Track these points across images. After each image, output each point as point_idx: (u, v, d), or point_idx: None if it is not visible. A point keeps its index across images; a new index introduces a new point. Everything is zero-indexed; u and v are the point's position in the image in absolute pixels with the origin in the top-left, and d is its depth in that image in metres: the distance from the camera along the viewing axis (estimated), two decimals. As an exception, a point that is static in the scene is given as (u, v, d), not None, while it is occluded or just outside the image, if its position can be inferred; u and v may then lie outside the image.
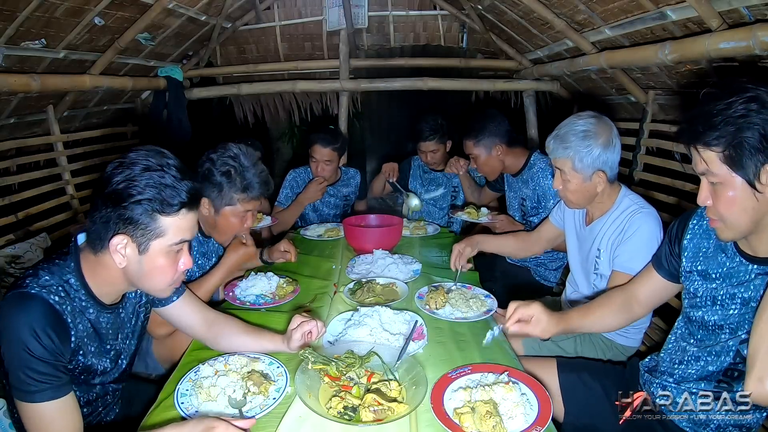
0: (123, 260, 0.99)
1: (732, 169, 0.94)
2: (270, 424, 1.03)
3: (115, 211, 0.96)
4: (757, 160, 0.91)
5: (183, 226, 1.02)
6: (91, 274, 1.03)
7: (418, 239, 2.36)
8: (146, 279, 1.03)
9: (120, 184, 0.95)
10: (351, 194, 2.85)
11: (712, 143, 0.94)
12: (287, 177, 2.76)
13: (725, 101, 0.93)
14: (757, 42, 1.44)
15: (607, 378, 1.36)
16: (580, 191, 1.53)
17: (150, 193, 0.96)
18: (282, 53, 3.66)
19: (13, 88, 2.07)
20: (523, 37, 3.17)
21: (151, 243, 0.99)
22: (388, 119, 4.36)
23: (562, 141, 1.50)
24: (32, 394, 0.91)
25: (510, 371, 1.15)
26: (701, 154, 0.97)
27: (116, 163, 0.98)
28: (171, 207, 0.98)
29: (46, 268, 1.00)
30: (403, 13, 3.58)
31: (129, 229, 0.97)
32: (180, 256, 1.05)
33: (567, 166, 1.50)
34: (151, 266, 1.01)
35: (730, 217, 0.98)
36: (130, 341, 1.20)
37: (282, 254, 1.86)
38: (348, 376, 1.13)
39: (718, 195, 0.98)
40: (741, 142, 0.91)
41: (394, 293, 1.67)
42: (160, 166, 0.98)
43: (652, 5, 1.82)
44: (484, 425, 0.97)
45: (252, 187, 1.54)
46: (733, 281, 1.07)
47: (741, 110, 0.90)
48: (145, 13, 2.51)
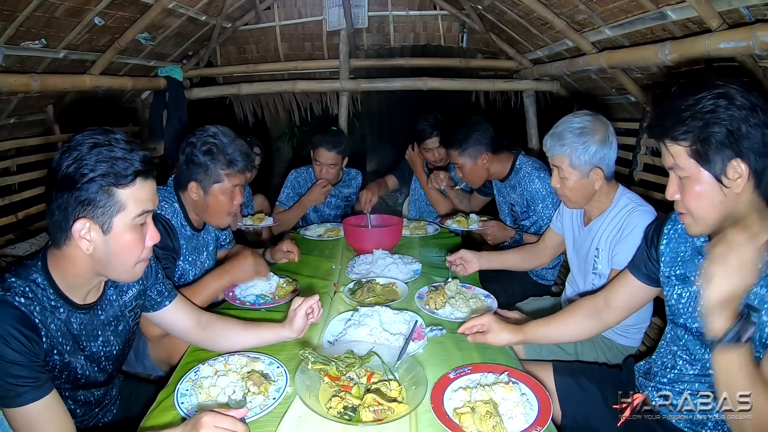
0: (89, 245, 0.96)
1: (699, 164, 0.95)
2: (270, 424, 1.03)
3: (70, 195, 0.92)
4: (724, 155, 0.92)
5: (142, 197, 0.99)
6: (58, 271, 1.00)
7: (418, 239, 2.36)
8: (115, 260, 0.99)
9: (70, 167, 0.92)
10: (352, 195, 2.85)
11: (679, 138, 0.95)
12: (288, 177, 2.76)
13: (694, 97, 0.94)
14: (757, 42, 1.44)
15: (603, 381, 1.36)
16: (578, 188, 1.53)
17: (102, 168, 0.93)
18: (282, 53, 3.66)
19: (13, 88, 2.07)
20: (523, 37, 3.17)
21: (113, 220, 0.96)
22: (388, 119, 4.37)
23: (559, 138, 1.51)
24: (13, 399, 0.89)
25: (510, 371, 1.15)
26: (669, 149, 0.99)
27: (63, 149, 0.95)
28: (125, 177, 0.95)
29: (13, 270, 0.97)
30: (403, 13, 3.58)
31: (88, 211, 0.94)
32: (146, 230, 1.02)
33: (564, 162, 1.51)
34: (119, 244, 0.98)
35: (697, 210, 0.99)
36: (112, 346, 1.15)
37: (285, 254, 1.87)
38: (348, 376, 1.13)
39: (686, 189, 1.00)
40: (708, 137, 0.92)
41: (394, 293, 1.67)
42: (107, 141, 0.95)
43: (652, 5, 1.81)
44: (484, 425, 0.97)
45: (236, 160, 1.55)
46: None
47: (709, 106, 0.91)
48: (145, 13, 2.51)
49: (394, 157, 3.08)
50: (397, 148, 3.95)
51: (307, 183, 2.73)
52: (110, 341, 1.14)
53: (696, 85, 0.96)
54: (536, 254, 1.92)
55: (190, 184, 1.56)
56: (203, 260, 1.72)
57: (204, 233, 1.72)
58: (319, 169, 2.60)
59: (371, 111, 4.25)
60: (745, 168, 0.91)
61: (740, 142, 0.90)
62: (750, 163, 0.91)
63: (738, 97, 0.90)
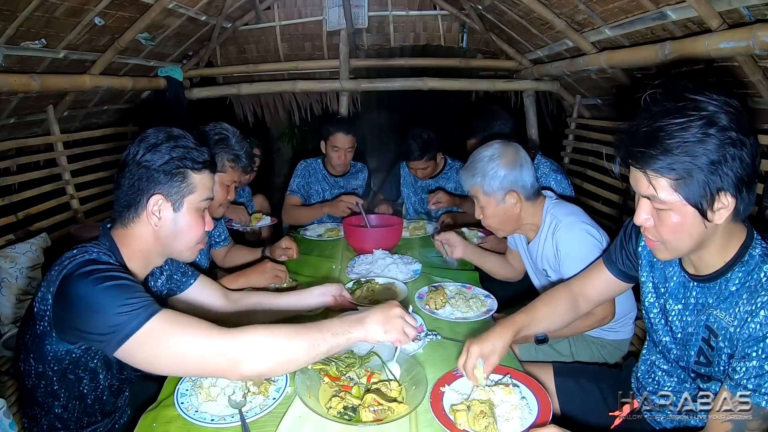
0: (158, 221, 1.05)
1: (685, 199, 0.86)
2: (270, 424, 1.03)
3: (148, 173, 1.03)
4: (712, 188, 0.84)
5: (208, 184, 1.11)
6: (125, 250, 1.07)
7: (418, 239, 2.36)
8: (179, 238, 1.09)
9: (147, 153, 1.03)
10: (359, 188, 2.85)
11: (665, 171, 0.85)
12: (298, 166, 2.78)
13: (680, 120, 0.83)
14: (757, 42, 1.44)
15: (603, 381, 1.36)
16: (499, 215, 1.54)
17: (179, 153, 1.05)
18: (282, 53, 3.66)
19: (13, 88, 2.07)
20: (523, 37, 3.17)
21: (185, 199, 1.07)
22: (388, 119, 4.37)
23: (470, 170, 1.53)
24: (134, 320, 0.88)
25: (512, 373, 1.15)
26: (651, 180, 0.88)
27: (137, 141, 1.05)
28: (199, 164, 1.07)
29: (83, 249, 1.00)
30: (403, 13, 3.58)
31: (164, 188, 1.04)
32: (205, 215, 1.13)
33: (479, 192, 1.52)
34: (184, 223, 1.08)
35: (673, 242, 0.93)
36: None
37: (284, 251, 1.88)
38: (348, 376, 1.13)
39: (662, 220, 0.91)
40: (698, 170, 0.83)
41: (393, 293, 1.67)
42: (181, 135, 1.08)
43: (652, 5, 1.82)
44: (477, 424, 0.97)
45: (241, 157, 1.67)
46: (679, 297, 1.06)
47: (698, 135, 0.82)
48: (145, 13, 2.51)
49: (394, 157, 3.07)
50: (397, 148, 3.96)
51: (316, 174, 2.76)
52: None
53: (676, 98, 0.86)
54: (508, 267, 1.89)
55: None
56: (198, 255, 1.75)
57: None
58: (337, 156, 2.61)
59: (371, 111, 4.24)
60: (732, 200, 0.85)
61: (729, 174, 0.83)
62: (736, 193, 0.85)
63: (725, 121, 0.82)
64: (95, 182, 2.86)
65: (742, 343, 0.89)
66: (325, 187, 2.74)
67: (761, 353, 0.86)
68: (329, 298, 1.43)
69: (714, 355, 0.97)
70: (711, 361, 0.99)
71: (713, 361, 0.98)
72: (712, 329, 0.96)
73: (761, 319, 0.86)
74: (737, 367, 0.89)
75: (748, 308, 0.89)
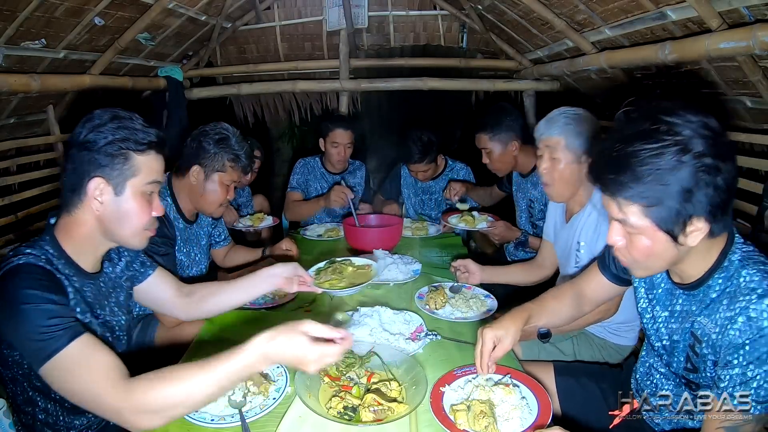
0: (100, 206, 1.01)
1: (656, 225, 0.86)
2: (270, 424, 1.03)
3: (89, 156, 0.99)
4: (685, 215, 0.83)
5: (154, 167, 1.06)
6: (68, 239, 1.04)
7: (418, 239, 2.36)
8: (123, 223, 1.04)
9: (90, 133, 1.00)
10: (357, 185, 2.85)
11: (636, 199, 0.85)
12: (297, 164, 2.79)
13: (653, 146, 0.81)
14: (757, 42, 1.44)
15: (604, 381, 1.36)
16: (568, 172, 1.52)
17: (122, 134, 1.01)
18: (282, 53, 3.66)
19: (13, 88, 2.07)
20: (523, 37, 3.17)
21: (126, 183, 1.02)
22: (387, 119, 4.36)
23: (554, 121, 1.53)
24: (52, 346, 0.88)
25: (513, 373, 1.15)
26: (621, 206, 0.88)
27: (83, 121, 1.02)
28: (143, 145, 1.03)
29: (25, 245, 1.01)
30: (403, 13, 3.58)
31: (105, 171, 1.00)
32: (152, 200, 1.08)
33: (560, 143, 1.51)
34: (127, 207, 1.03)
35: (645, 263, 0.93)
36: (118, 316, 1.17)
37: (284, 252, 1.89)
38: (348, 376, 1.13)
39: (633, 242, 0.91)
40: (670, 198, 0.82)
41: (365, 275, 1.65)
42: (128, 116, 1.04)
43: (652, 5, 1.81)
44: (477, 424, 0.98)
45: (241, 157, 1.67)
46: (666, 304, 1.06)
47: (672, 162, 0.80)
48: (145, 13, 2.51)
49: (394, 157, 3.07)
50: (397, 149, 3.96)
51: (314, 172, 2.76)
52: (115, 311, 1.16)
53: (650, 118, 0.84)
54: (539, 267, 1.87)
55: (193, 167, 1.63)
56: (195, 253, 1.78)
57: (196, 227, 1.77)
58: (336, 152, 2.62)
59: (371, 111, 4.24)
60: (705, 224, 0.84)
61: (703, 201, 0.82)
62: (710, 218, 0.84)
63: (700, 146, 0.80)
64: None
65: (723, 350, 0.89)
66: (324, 185, 2.74)
67: (742, 360, 0.85)
68: (279, 281, 1.35)
69: (699, 362, 0.98)
70: (697, 368, 0.99)
71: (699, 367, 0.98)
72: (697, 336, 0.96)
73: (740, 325, 0.86)
74: (722, 375, 0.88)
75: (728, 314, 0.89)
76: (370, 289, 1.76)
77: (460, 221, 2.31)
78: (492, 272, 1.79)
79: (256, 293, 1.37)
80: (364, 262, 1.71)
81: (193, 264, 1.76)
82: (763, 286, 0.86)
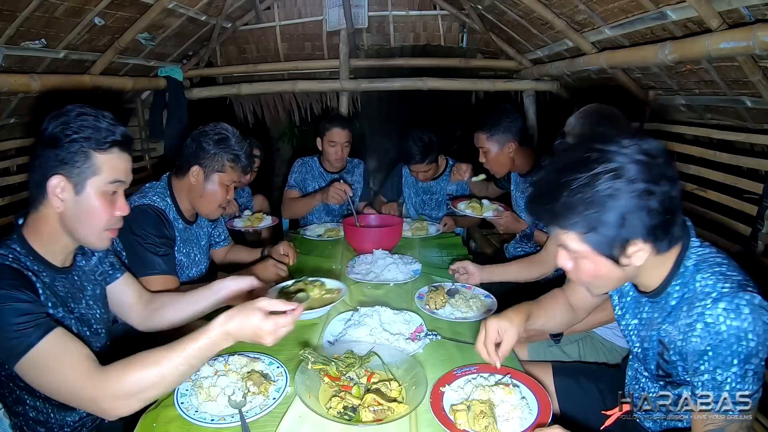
0: (61, 204, 1.00)
1: (595, 250, 0.87)
2: (270, 424, 1.03)
3: (51, 153, 0.99)
4: (622, 239, 0.84)
5: (117, 166, 1.04)
6: (34, 235, 1.03)
7: (418, 239, 2.36)
8: (83, 223, 1.03)
9: (56, 128, 0.99)
10: (356, 183, 2.85)
11: (572, 228, 0.86)
12: (295, 164, 2.79)
13: (585, 175, 0.83)
14: (757, 42, 1.44)
15: (602, 380, 1.36)
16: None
17: (85, 132, 0.99)
18: (282, 53, 3.66)
19: (13, 88, 2.07)
20: (523, 37, 3.17)
21: (87, 182, 1.01)
22: (387, 119, 4.36)
23: None
24: (24, 342, 0.89)
25: (512, 373, 1.15)
26: (559, 235, 0.90)
27: (49, 117, 1.01)
28: (104, 144, 1.01)
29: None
30: (403, 13, 3.57)
31: (65, 169, 0.99)
32: (116, 199, 1.06)
33: None
34: (88, 207, 1.02)
35: (594, 283, 0.95)
36: (94, 309, 1.17)
37: (281, 257, 1.88)
38: (348, 376, 1.13)
39: (578, 266, 0.92)
40: (605, 224, 0.83)
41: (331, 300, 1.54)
42: (94, 113, 1.02)
43: (652, 5, 1.81)
44: (477, 424, 0.98)
45: (241, 157, 1.66)
46: (635, 312, 1.07)
47: (604, 190, 0.81)
48: (145, 13, 2.51)
49: (394, 157, 3.07)
50: (396, 148, 3.96)
51: (312, 171, 2.76)
52: (91, 305, 1.16)
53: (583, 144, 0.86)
54: (539, 263, 1.86)
55: (193, 168, 1.62)
56: (195, 253, 1.77)
57: (196, 227, 1.77)
58: (334, 151, 2.61)
59: (371, 111, 4.24)
60: (646, 244, 0.86)
61: (638, 225, 0.83)
62: (649, 239, 0.85)
63: (632, 172, 0.81)
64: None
65: (690, 356, 0.90)
66: (322, 185, 2.74)
67: (708, 366, 0.86)
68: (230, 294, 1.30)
69: (670, 368, 0.99)
70: (669, 373, 1.00)
71: (671, 373, 1.00)
72: (664, 343, 0.97)
73: (699, 332, 0.86)
74: (695, 382, 0.89)
75: (688, 321, 0.89)
76: (370, 289, 1.76)
77: (468, 207, 2.28)
78: (491, 271, 1.78)
79: (205, 307, 1.31)
80: (334, 286, 1.62)
81: (193, 264, 1.76)
82: (717, 289, 0.86)
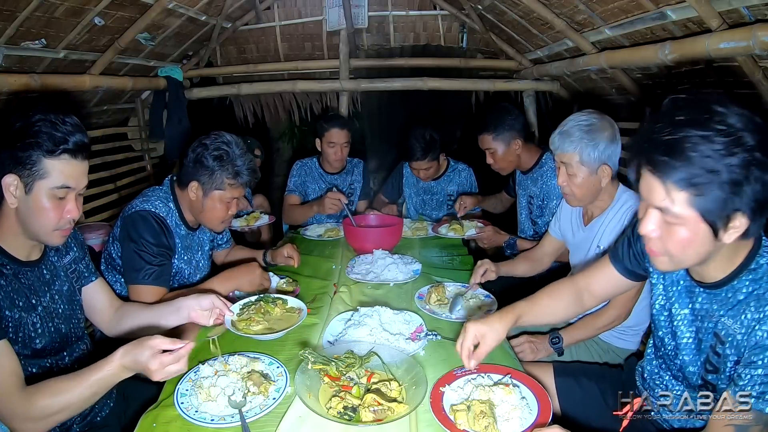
0: (14, 201, 1.06)
1: (702, 216, 0.83)
2: (270, 424, 1.03)
3: (8, 152, 1.04)
4: (730, 209, 0.81)
5: (67, 172, 1.08)
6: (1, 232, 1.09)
7: (418, 239, 2.36)
8: (33, 219, 1.08)
9: (16, 128, 1.04)
10: (355, 182, 2.85)
11: (685, 185, 0.82)
12: (294, 166, 2.79)
13: (706, 133, 0.80)
14: (757, 42, 1.44)
15: (603, 380, 1.36)
16: (587, 185, 1.53)
17: (38, 138, 1.04)
18: (282, 53, 3.66)
19: (13, 88, 2.07)
20: (523, 37, 3.17)
21: (35, 183, 1.06)
22: (387, 119, 4.36)
23: (568, 135, 1.51)
24: None
25: (513, 373, 1.15)
26: (669, 192, 0.84)
27: (14, 117, 1.06)
28: (55, 150, 1.05)
29: None
30: (403, 13, 3.58)
31: (18, 169, 1.04)
32: (65, 203, 1.10)
33: (574, 159, 1.51)
34: (36, 206, 1.07)
35: (680, 255, 0.90)
36: (58, 304, 1.20)
37: (285, 260, 1.88)
38: (348, 376, 1.13)
39: (671, 233, 0.88)
40: (719, 188, 0.80)
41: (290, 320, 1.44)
42: (56, 118, 1.06)
43: (652, 5, 1.81)
44: (477, 424, 0.98)
45: (242, 173, 1.59)
46: (686, 302, 1.06)
47: (724, 151, 0.78)
48: (145, 13, 2.51)
49: (394, 157, 3.07)
50: (397, 148, 3.96)
51: (312, 173, 2.76)
52: (56, 299, 1.20)
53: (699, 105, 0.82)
54: (536, 262, 1.92)
55: (192, 183, 1.58)
56: (198, 259, 1.75)
57: (199, 233, 1.75)
58: (333, 152, 2.61)
59: (371, 111, 4.24)
60: (746, 221, 0.83)
61: (749, 195, 0.80)
62: (751, 216, 0.82)
63: (751, 140, 0.78)
64: (95, 182, 2.86)
65: (748, 350, 0.89)
66: (322, 186, 2.74)
67: (767, 361, 0.86)
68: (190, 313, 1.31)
69: (720, 362, 0.97)
70: (718, 368, 0.98)
71: (720, 368, 0.98)
72: (720, 336, 0.96)
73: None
74: (742, 373, 0.89)
75: (756, 316, 0.89)
76: (370, 289, 1.76)
77: (449, 230, 2.34)
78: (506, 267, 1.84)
79: (168, 323, 1.34)
80: (296, 305, 1.53)
81: (197, 271, 1.73)
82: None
